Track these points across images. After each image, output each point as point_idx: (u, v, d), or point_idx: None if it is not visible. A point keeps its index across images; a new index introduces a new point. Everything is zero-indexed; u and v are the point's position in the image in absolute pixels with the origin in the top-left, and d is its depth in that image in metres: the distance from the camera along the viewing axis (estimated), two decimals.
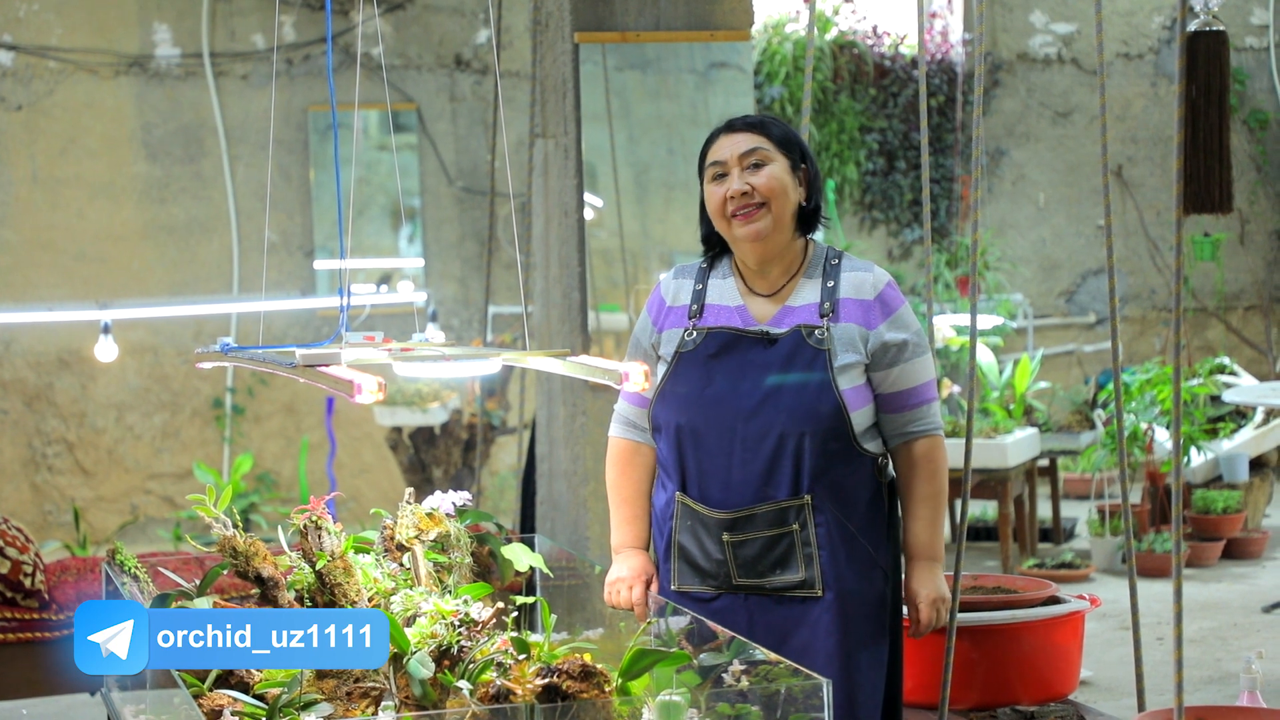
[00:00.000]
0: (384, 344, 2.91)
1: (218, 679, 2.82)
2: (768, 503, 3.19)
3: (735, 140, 3.25)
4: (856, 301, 3.23)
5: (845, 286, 3.24)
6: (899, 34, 10.68)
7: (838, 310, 3.23)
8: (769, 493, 3.19)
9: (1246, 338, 11.26)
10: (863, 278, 3.26)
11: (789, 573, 3.18)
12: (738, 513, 3.21)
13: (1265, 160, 11.27)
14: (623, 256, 5.59)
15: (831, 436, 3.17)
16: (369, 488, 9.65)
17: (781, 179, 3.22)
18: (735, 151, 3.23)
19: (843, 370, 3.19)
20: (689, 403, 3.26)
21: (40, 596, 5.09)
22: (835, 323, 3.22)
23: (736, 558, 3.22)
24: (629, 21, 5.43)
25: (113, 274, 9.34)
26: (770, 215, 3.22)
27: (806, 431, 3.16)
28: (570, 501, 5.54)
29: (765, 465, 3.18)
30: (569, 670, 2.53)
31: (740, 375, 3.22)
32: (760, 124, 3.27)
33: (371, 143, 9.72)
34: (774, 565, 3.20)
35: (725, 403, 3.22)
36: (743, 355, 3.24)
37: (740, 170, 3.23)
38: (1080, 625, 4.28)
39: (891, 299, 3.26)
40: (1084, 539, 8.52)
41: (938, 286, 9.91)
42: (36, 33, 9.29)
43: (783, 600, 3.18)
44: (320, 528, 2.94)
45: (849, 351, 3.20)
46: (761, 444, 3.18)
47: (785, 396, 3.18)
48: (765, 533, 3.20)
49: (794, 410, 3.17)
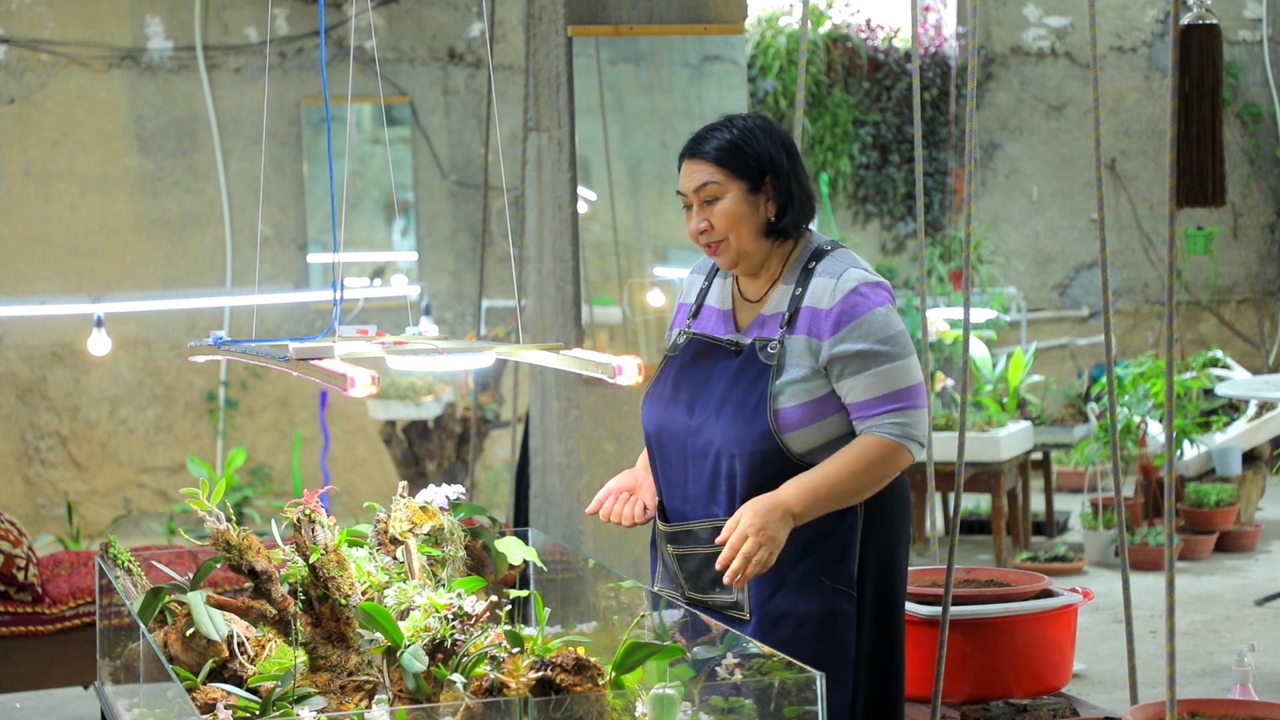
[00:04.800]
0: (377, 338, 2.91)
1: (211, 673, 2.82)
2: (707, 520, 3.16)
3: (690, 172, 3.18)
4: (813, 311, 3.11)
5: (810, 293, 3.13)
6: (892, 27, 10.67)
7: (795, 320, 3.13)
8: (713, 510, 3.15)
9: (1240, 331, 11.27)
10: (825, 285, 3.11)
11: (725, 592, 3.15)
12: (678, 527, 3.20)
13: (1258, 154, 11.28)
14: (616, 250, 5.59)
15: (761, 458, 3.07)
16: (362, 481, 9.65)
17: (734, 212, 3.14)
18: (690, 185, 3.17)
19: (787, 386, 3.08)
20: (659, 409, 3.25)
21: (33, 590, 5.09)
22: (790, 334, 3.13)
23: (682, 570, 3.22)
24: (622, 15, 5.42)
25: (106, 267, 9.33)
26: (731, 248, 3.17)
27: (736, 453, 3.09)
28: (564, 495, 5.55)
29: (709, 482, 3.15)
30: (563, 663, 2.53)
31: (702, 386, 3.18)
32: (706, 151, 3.15)
33: (365, 136, 9.71)
34: (712, 583, 3.16)
35: (683, 413, 3.19)
36: (710, 365, 3.20)
37: (698, 206, 3.17)
38: (1073, 618, 4.29)
39: (854, 307, 3.08)
40: (1077, 532, 8.53)
41: (931, 280, 9.91)
42: (29, 25, 9.27)
43: (727, 619, 3.11)
44: (314, 521, 2.93)
45: (798, 365, 3.10)
46: (704, 460, 3.15)
47: (725, 414, 3.12)
48: (704, 549, 3.16)
49: (728, 429, 3.10)
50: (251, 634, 2.92)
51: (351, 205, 9.51)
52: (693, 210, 3.19)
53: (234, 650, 2.85)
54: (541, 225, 5.62)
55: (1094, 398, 8.91)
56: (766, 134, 3.19)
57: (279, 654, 2.90)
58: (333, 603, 2.88)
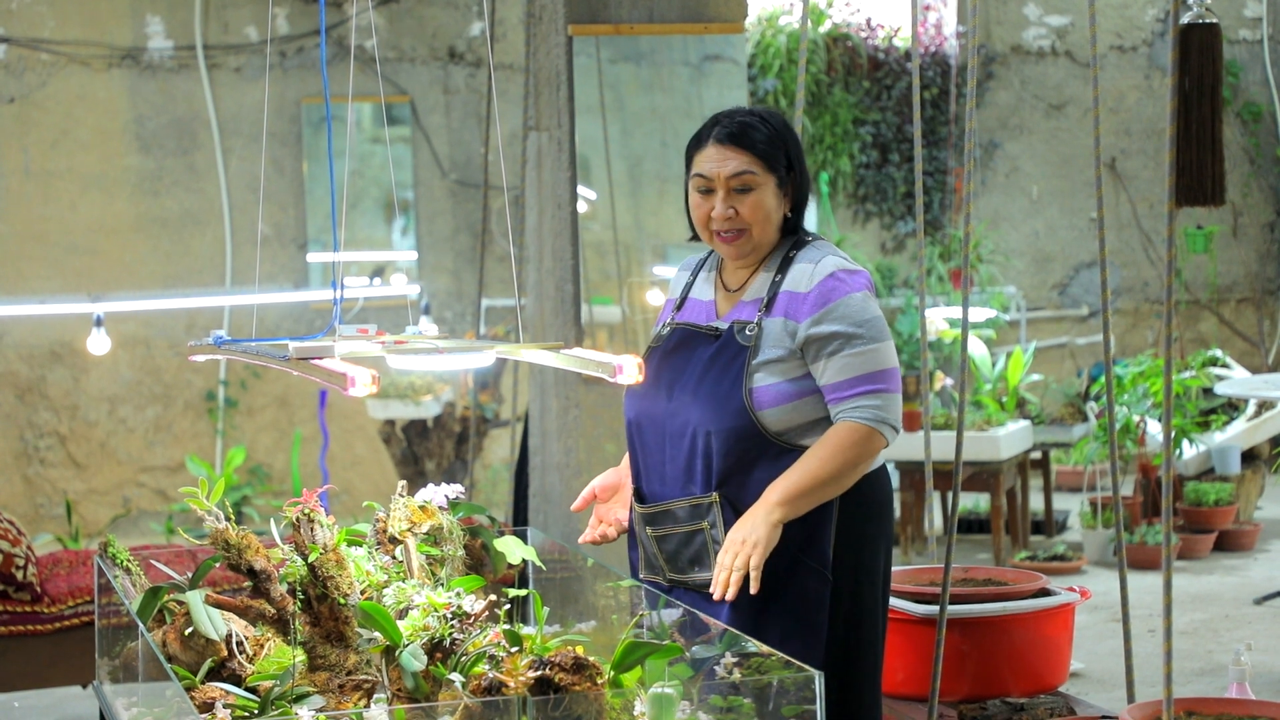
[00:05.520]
0: (377, 337, 2.91)
1: (210, 672, 2.82)
2: (684, 499, 3.19)
3: (725, 157, 3.18)
4: (791, 294, 3.17)
5: (789, 279, 3.19)
6: (892, 26, 10.67)
7: (773, 304, 3.18)
8: (690, 489, 3.19)
9: (1239, 330, 11.27)
10: (804, 270, 3.17)
11: (704, 570, 3.18)
12: (655, 508, 3.24)
13: (1258, 153, 11.28)
14: (616, 249, 5.59)
15: (736, 435, 3.12)
16: (361, 481, 9.65)
17: (766, 205, 3.18)
18: (723, 171, 3.17)
19: (762, 367, 3.14)
20: (639, 397, 3.29)
21: (32, 589, 5.09)
22: (768, 317, 3.18)
23: (661, 552, 3.25)
24: (622, 14, 5.43)
25: (105, 267, 9.33)
26: (752, 240, 3.21)
27: (712, 430, 3.13)
28: (563, 494, 5.55)
29: (685, 462, 3.19)
30: (561, 663, 2.53)
31: (681, 371, 3.23)
32: (750, 140, 3.17)
33: (365, 135, 9.71)
34: (691, 562, 3.21)
35: (662, 398, 3.23)
36: (690, 351, 3.24)
37: (726, 193, 3.18)
38: (1070, 617, 4.30)
39: (830, 291, 3.13)
40: (1076, 531, 8.53)
41: (931, 279, 9.91)
42: (29, 25, 9.27)
43: (708, 597, 3.13)
44: (313, 520, 2.94)
45: (774, 347, 3.15)
46: (681, 440, 3.19)
47: (702, 394, 3.17)
48: (682, 529, 3.20)
49: (705, 408, 3.15)
50: (250, 633, 2.92)
51: (351, 204, 9.52)
52: (715, 195, 3.19)
53: (233, 649, 2.85)
54: (541, 224, 5.62)
55: (1093, 397, 8.91)
56: (787, 129, 3.26)
57: (278, 653, 2.90)
58: (331, 602, 2.89)
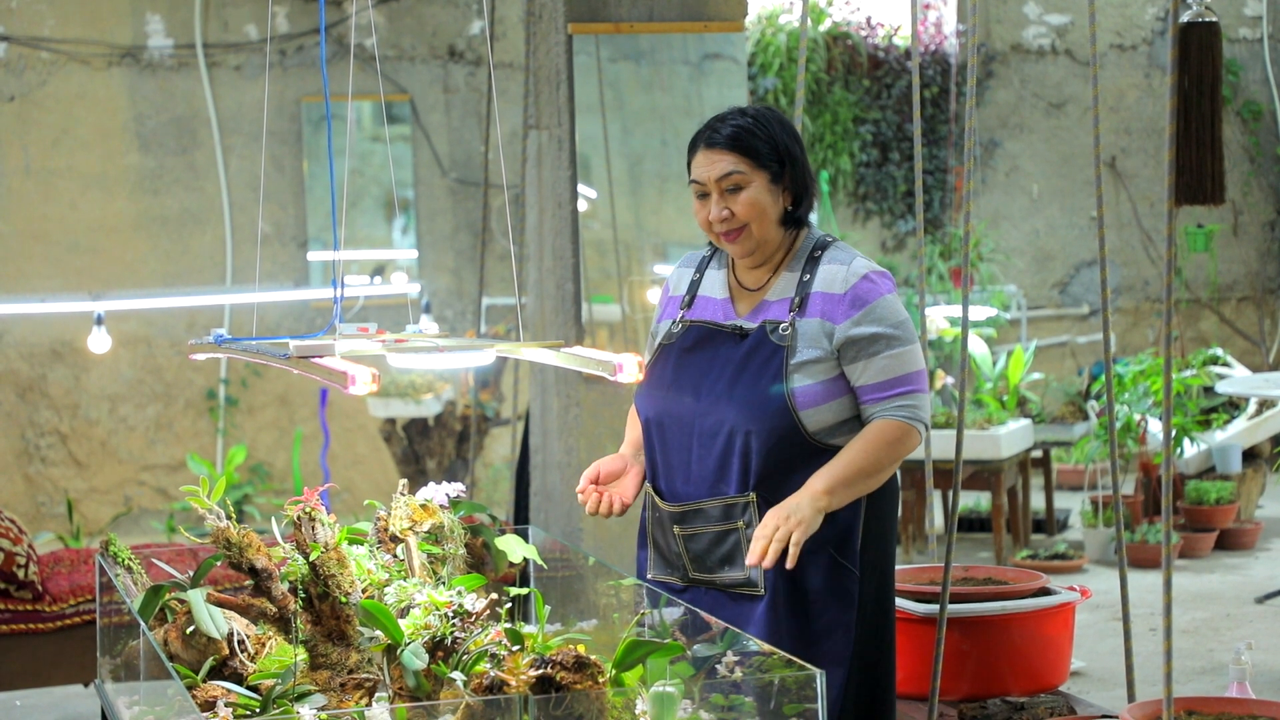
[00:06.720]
0: (378, 335, 2.91)
1: (211, 670, 2.83)
2: (716, 498, 3.20)
3: (713, 160, 3.20)
4: (825, 295, 3.20)
5: (819, 280, 3.21)
6: (893, 25, 10.67)
7: (806, 305, 3.20)
8: (721, 489, 3.20)
9: (1240, 329, 11.27)
10: (836, 271, 3.21)
11: (735, 570, 3.19)
12: (686, 506, 3.23)
13: (1258, 151, 11.28)
14: (616, 248, 5.59)
15: (778, 435, 3.14)
16: (362, 479, 9.65)
17: (759, 201, 3.20)
18: (712, 174, 3.20)
19: (800, 367, 3.16)
20: (659, 395, 3.29)
21: (34, 588, 5.09)
22: (801, 318, 3.20)
23: (688, 551, 3.25)
24: (622, 12, 5.43)
25: (106, 265, 9.33)
26: (752, 236, 3.22)
27: (753, 430, 3.14)
28: (564, 493, 5.55)
29: (718, 461, 3.19)
30: (563, 661, 2.54)
31: (707, 370, 3.23)
32: (737, 141, 3.19)
33: (365, 134, 9.71)
34: (721, 561, 3.21)
35: (688, 397, 3.23)
36: (714, 350, 3.25)
37: (719, 194, 3.20)
38: (1071, 616, 4.29)
39: (866, 292, 3.19)
40: (1077, 530, 8.54)
41: (931, 278, 9.91)
42: (29, 23, 9.27)
43: (736, 597, 3.18)
44: (314, 519, 2.94)
45: (811, 347, 3.17)
46: (714, 440, 3.19)
47: (738, 393, 3.17)
48: (713, 528, 3.21)
49: (743, 407, 3.16)
50: (252, 632, 2.93)
51: (352, 203, 9.52)
52: (710, 199, 3.22)
53: (234, 648, 2.85)
54: (541, 223, 5.62)
55: (1094, 395, 8.91)
56: (780, 125, 3.25)
57: (279, 652, 2.91)
58: (333, 600, 2.89)
